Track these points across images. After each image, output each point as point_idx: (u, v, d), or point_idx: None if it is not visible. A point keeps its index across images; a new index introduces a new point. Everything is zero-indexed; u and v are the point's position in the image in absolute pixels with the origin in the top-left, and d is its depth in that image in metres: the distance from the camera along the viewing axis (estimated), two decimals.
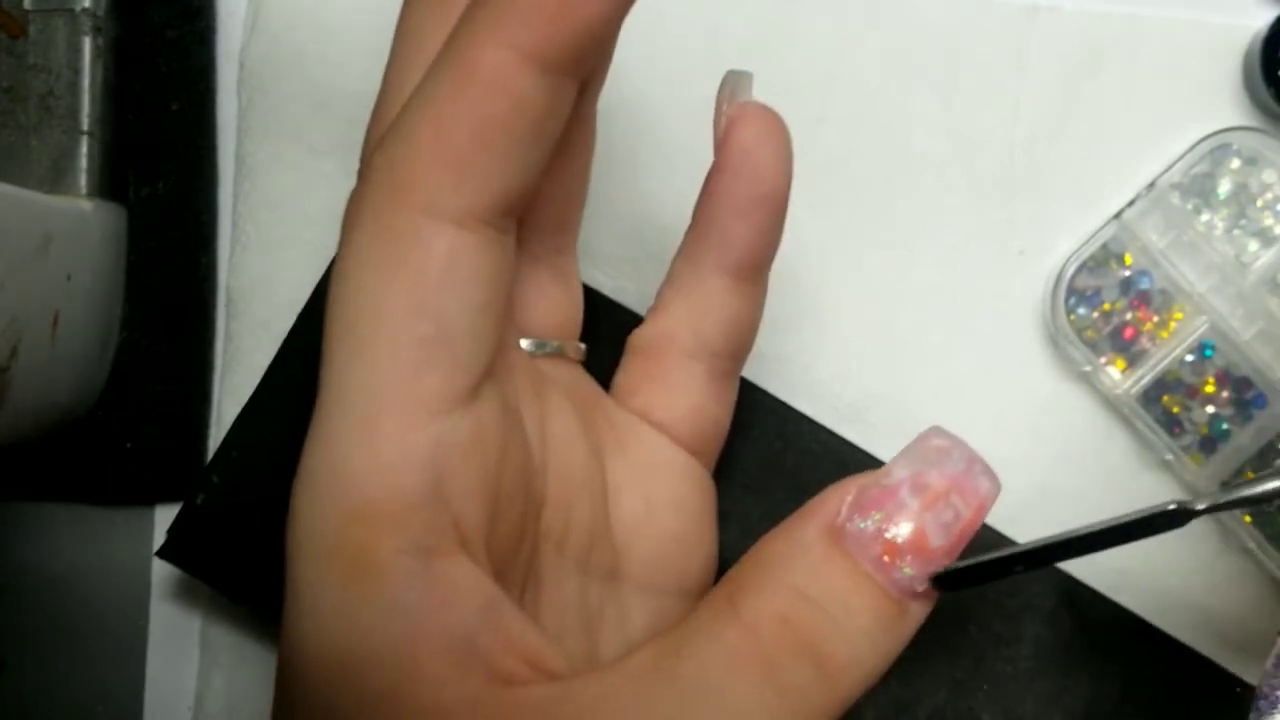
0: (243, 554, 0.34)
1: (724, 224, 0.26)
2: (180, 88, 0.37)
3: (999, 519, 0.32)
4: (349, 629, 0.21)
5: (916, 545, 0.22)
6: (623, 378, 0.28)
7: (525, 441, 0.24)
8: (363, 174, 0.22)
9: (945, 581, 0.22)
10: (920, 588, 0.22)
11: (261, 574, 0.33)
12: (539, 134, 0.21)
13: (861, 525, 0.22)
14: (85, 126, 0.35)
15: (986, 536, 0.25)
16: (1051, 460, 0.35)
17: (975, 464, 0.23)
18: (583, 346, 0.28)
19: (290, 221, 0.36)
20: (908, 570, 0.22)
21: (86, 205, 0.35)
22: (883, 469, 0.23)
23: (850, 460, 0.33)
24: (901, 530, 0.22)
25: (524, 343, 0.27)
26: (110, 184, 0.36)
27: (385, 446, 0.21)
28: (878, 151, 0.35)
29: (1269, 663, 0.23)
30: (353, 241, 0.22)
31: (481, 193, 0.21)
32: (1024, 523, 0.33)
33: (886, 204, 0.35)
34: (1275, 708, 0.23)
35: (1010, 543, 0.33)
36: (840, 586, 0.22)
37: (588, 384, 0.28)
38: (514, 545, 0.24)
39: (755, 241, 0.27)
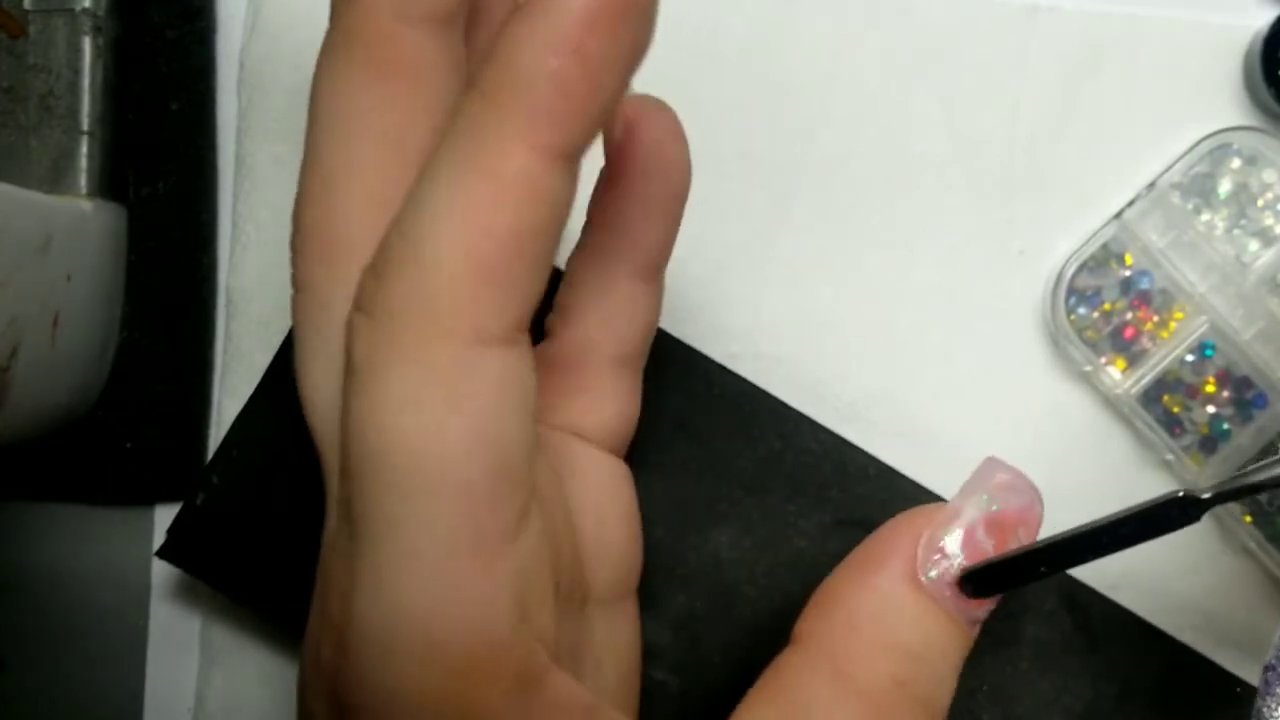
0: (243, 554, 0.34)
1: (636, 227, 0.26)
2: (180, 88, 0.37)
3: None
4: None
5: None
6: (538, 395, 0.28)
7: (545, 513, 0.23)
8: (382, 302, 0.19)
9: (975, 588, 0.23)
10: (982, 613, 0.23)
11: (261, 574, 0.33)
12: (562, 225, 0.20)
13: (941, 568, 0.23)
14: (85, 126, 0.35)
15: None
16: (1051, 460, 0.35)
17: (1034, 493, 0.24)
18: None
19: (290, 221, 0.36)
20: (986, 607, 0.23)
21: (86, 205, 0.35)
22: (950, 506, 0.24)
23: (850, 460, 0.33)
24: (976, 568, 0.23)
25: None
26: (110, 184, 0.36)
27: (470, 593, 0.19)
28: (878, 151, 0.35)
29: (1277, 637, 0.24)
30: (389, 386, 0.19)
31: (522, 305, 0.20)
32: None
33: (886, 204, 0.35)
34: None
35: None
36: (932, 633, 0.23)
37: None
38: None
39: (666, 241, 0.26)
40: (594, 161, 0.25)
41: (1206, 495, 0.22)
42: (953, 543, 0.23)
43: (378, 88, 0.22)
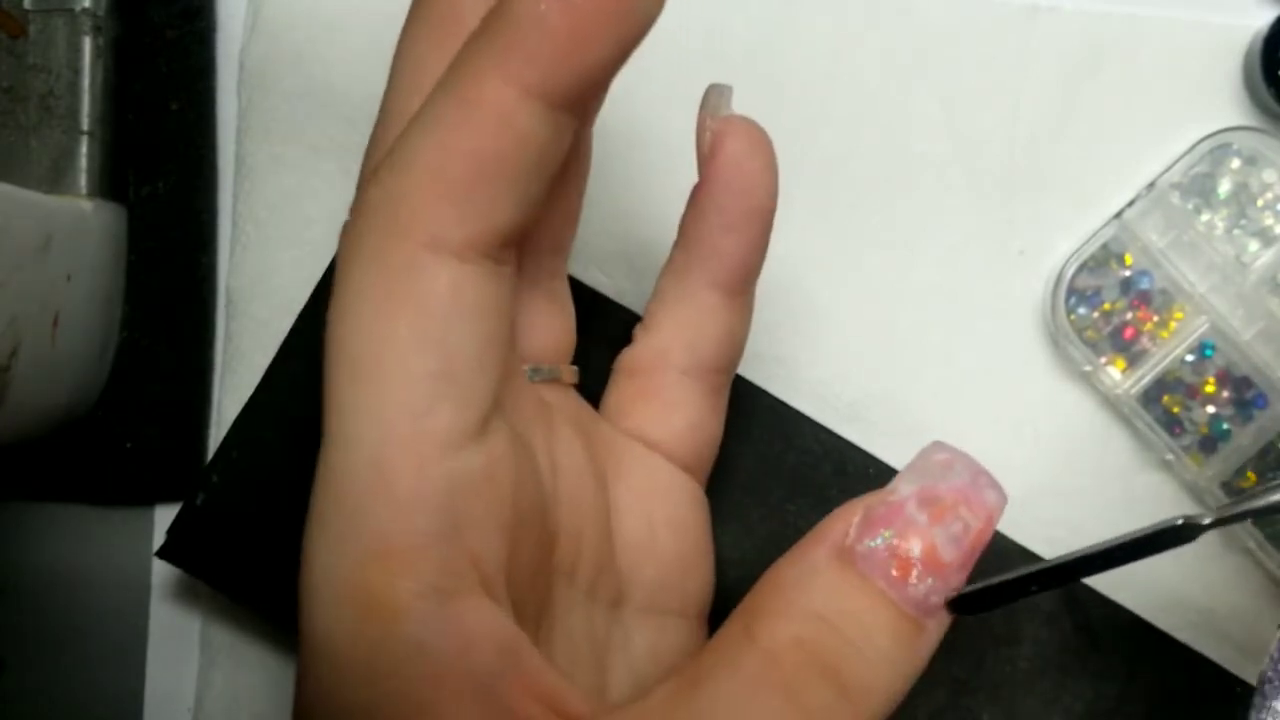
0: (243, 554, 0.34)
1: (716, 239, 0.26)
2: (180, 88, 0.37)
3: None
4: (368, 673, 0.20)
5: (928, 560, 0.22)
6: (615, 398, 0.28)
7: (537, 473, 0.24)
8: (357, 206, 0.21)
9: (961, 605, 0.22)
10: (936, 600, 0.22)
11: (261, 574, 0.33)
12: (540, 169, 0.21)
13: (871, 544, 0.22)
14: (85, 126, 0.35)
15: (994, 542, 0.25)
16: (1051, 460, 0.35)
17: (980, 476, 0.23)
18: (576, 369, 0.28)
19: (290, 221, 0.36)
20: (922, 586, 0.22)
21: (86, 205, 0.35)
22: (888, 486, 0.23)
23: (850, 460, 0.33)
24: (912, 545, 0.22)
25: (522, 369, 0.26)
26: (110, 184, 0.36)
27: (398, 486, 0.20)
28: (878, 151, 0.35)
29: (1273, 648, 0.23)
30: (350, 277, 0.21)
31: (482, 226, 0.21)
32: (1024, 523, 0.33)
33: (886, 204, 0.35)
34: None
35: (1015, 545, 0.33)
36: (855, 607, 0.22)
37: (584, 408, 0.28)
38: (532, 579, 0.23)
39: (747, 255, 0.27)
40: (688, 178, 0.26)
41: (1207, 521, 0.22)
42: (885, 518, 0.22)
43: (439, 47, 0.23)
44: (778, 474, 0.33)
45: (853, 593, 0.22)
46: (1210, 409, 0.33)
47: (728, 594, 0.32)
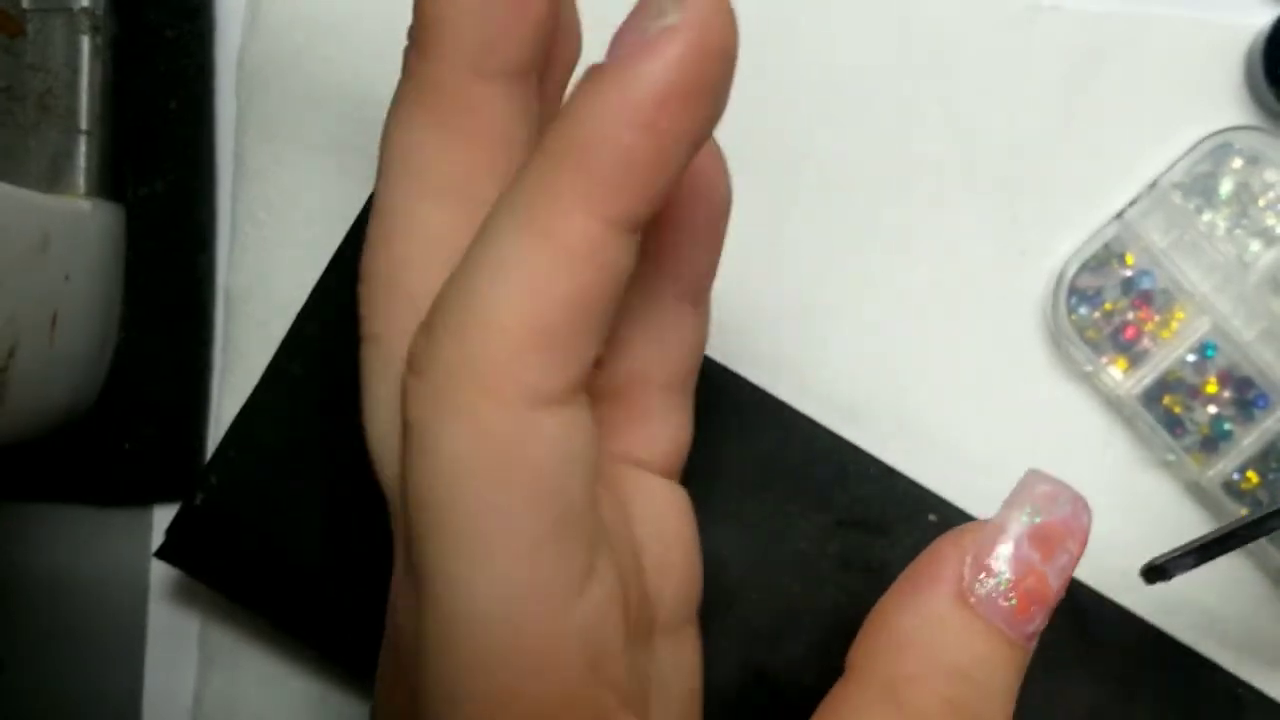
0: (242, 554, 0.33)
1: (684, 252, 0.25)
2: (179, 87, 0.37)
3: None
4: None
5: (1042, 595, 0.23)
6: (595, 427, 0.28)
7: (615, 556, 0.23)
8: (430, 366, 0.19)
9: (1159, 573, 0.23)
10: (1041, 627, 0.23)
11: (260, 574, 0.33)
12: (621, 291, 0.20)
13: (989, 586, 0.23)
14: (83, 126, 0.35)
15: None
16: (1051, 460, 0.34)
17: (1078, 502, 0.24)
18: None
19: (289, 221, 0.36)
20: (1036, 620, 0.23)
21: (85, 205, 0.35)
22: (994, 522, 0.24)
23: (850, 460, 0.33)
24: (1029, 585, 0.23)
25: None
26: (109, 183, 0.36)
27: (539, 652, 0.19)
28: (878, 151, 0.35)
29: None
30: (443, 444, 0.19)
31: (580, 367, 0.19)
32: None
33: (886, 204, 0.35)
34: None
35: None
36: (982, 652, 0.23)
37: None
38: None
39: (711, 264, 0.26)
40: None
41: None
42: (999, 559, 0.23)
43: (449, 140, 0.22)
44: (778, 474, 0.33)
45: (979, 639, 0.23)
46: (1212, 409, 0.33)
47: (728, 594, 0.32)
